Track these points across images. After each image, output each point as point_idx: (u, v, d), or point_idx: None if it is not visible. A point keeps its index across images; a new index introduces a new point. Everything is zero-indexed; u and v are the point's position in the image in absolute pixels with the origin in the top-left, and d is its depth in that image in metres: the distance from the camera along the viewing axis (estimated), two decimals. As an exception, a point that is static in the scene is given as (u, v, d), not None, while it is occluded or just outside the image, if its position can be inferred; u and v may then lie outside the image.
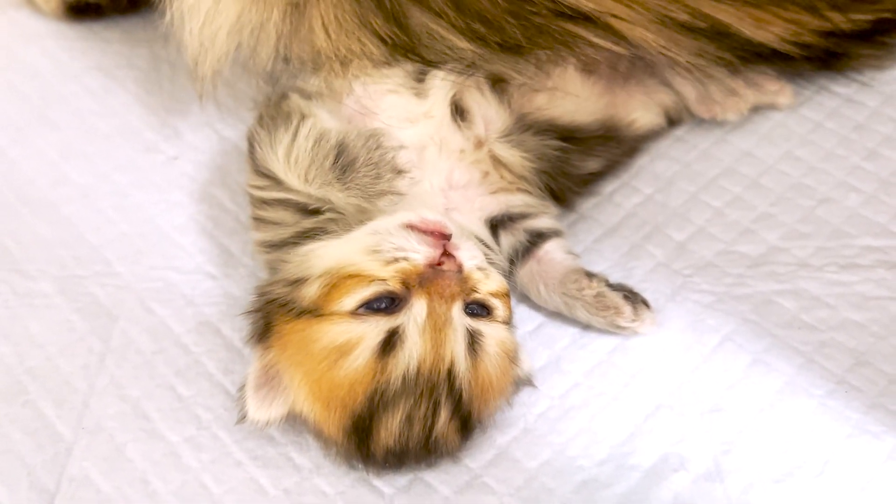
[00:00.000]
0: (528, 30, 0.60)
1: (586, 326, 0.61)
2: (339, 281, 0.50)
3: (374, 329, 0.48)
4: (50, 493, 0.54)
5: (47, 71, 0.83)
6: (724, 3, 0.64)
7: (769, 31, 0.67)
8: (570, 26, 0.61)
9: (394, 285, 0.49)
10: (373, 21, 0.60)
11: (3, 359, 0.61)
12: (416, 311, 0.49)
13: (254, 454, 0.56)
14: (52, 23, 0.87)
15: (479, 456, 0.55)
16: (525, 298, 0.63)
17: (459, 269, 0.50)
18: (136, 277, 0.66)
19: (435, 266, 0.50)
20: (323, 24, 0.61)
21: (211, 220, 0.70)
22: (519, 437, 0.56)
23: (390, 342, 0.48)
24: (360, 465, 0.53)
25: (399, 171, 0.57)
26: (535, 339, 0.61)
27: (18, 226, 0.70)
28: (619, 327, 0.58)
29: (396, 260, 0.50)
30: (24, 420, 0.58)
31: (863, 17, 0.71)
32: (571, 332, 0.61)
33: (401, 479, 0.54)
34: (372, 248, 0.51)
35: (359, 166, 0.56)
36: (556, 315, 0.62)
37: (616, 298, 0.58)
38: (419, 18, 0.60)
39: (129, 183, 0.73)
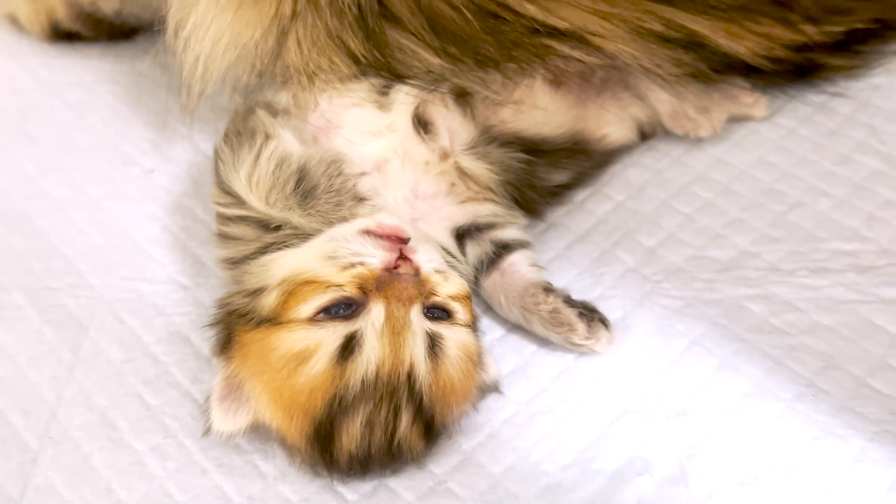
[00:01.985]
0: (504, 45, 0.61)
1: (551, 334, 0.61)
2: (296, 288, 0.50)
3: (331, 335, 0.48)
4: (14, 501, 0.54)
5: (27, 86, 0.84)
6: (698, 15, 0.65)
7: (742, 44, 0.68)
8: (546, 41, 0.62)
9: (350, 291, 0.49)
10: (349, 40, 0.61)
11: (-27, 369, 0.62)
12: (374, 316, 0.49)
13: (219, 462, 0.56)
14: (35, 40, 0.88)
15: (444, 461, 0.55)
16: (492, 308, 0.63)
17: (416, 272, 0.50)
18: (108, 289, 0.66)
19: (391, 270, 0.50)
20: (297, 40, 0.61)
21: (184, 231, 0.70)
22: (484, 443, 0.56)
23: (348, 347, 0.48)
24: (324, 472, 0.52)
25: (360, 199, 0.58)
26: (503, 345, 0.61)
27: (-8, 238, 0.70)
28: (573, 344, 0.58)
29: (353, 265, 0.50)
30: (-9, 430, 0.58)
31: (836, 28, 0.71)
32: (539, 338, 0.61)
33: (365, 486, 0.54)
34: (328, 255, 0.51)
35: (319, 193, 0.56)
36: (518, 325, 0.62)
37: (571, 316, 0.57)
38: (393, 36, 0.61)
39: (105, 195, 0.73)
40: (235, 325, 0.52)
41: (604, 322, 0.59)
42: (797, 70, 0.73)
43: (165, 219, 0.71)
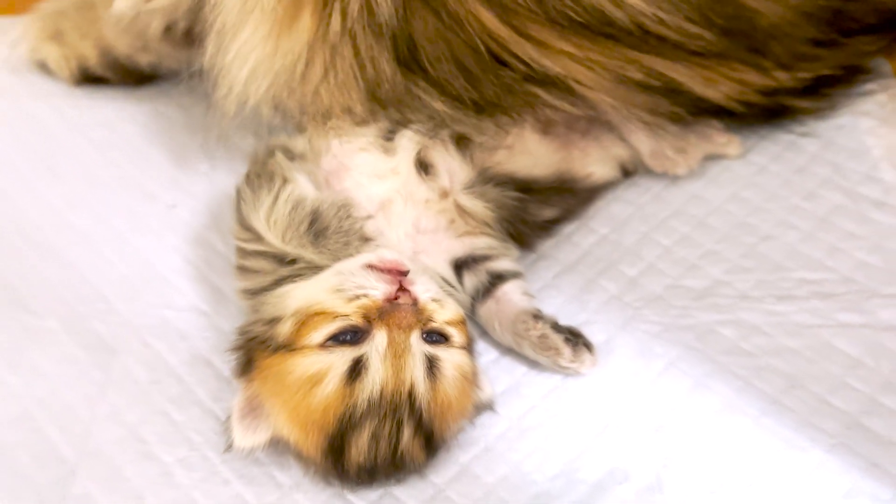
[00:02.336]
0: (501, 89, 0.67)
1: (541, 357, 0.67)
2: (308, 318, 0.56)
3: (340, 359, 0.54)
4: (55, 510, 0.60)
5: (55, 126, 0.90)
6: (677, 63, 0.71)
7: (717, 89, 0.74)
8: (536, 89, 0.68)
9: (356, 320, 0.56)
10: (383, 63, 0.65)
11: (13, 389, 0.67)
12: (378, 342, 0.55)
13: (240, 473, 0.62)
14: (64, 83, 0.94)
15: (443, 472, 0.61)
16: (487, 333, 0.69)
17: (415, 301, 0.57)
18: (134, 314, 0.72)
19: (392, 300, 0.56)
20: (324, 73, 0.67)
21: (204, 262, 0.76)
22: (479, 455, 0.62)
23: (356, 370, 0.54)
24: (336, 482, 0.58)
25: (366, 239, 0.64)
26: (497, 366, 0.67)
27: (26, 268, 0.76)
28: (560, 367, 0.64)
29: (358, 297, 0.56)
30: (31, 444, 0.64)
31: (806, 74, 0.78)
32: (529, 360, 0.67)
33: (372, 494, 0.60)
34: (336, 288, 0.57)
35: (330, 233, 0.63)
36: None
37: (557, 340, 0.63)
38: (404, 81, 0.67)
39: (129, 228, 0.79)
40: (255, 350, 0.58)
41: (587, 346, 0.65)
42: (768, 112, 0.79)
43: (186, 250, 0.77)
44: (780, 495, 0.58)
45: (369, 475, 0.56)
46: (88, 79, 0.92)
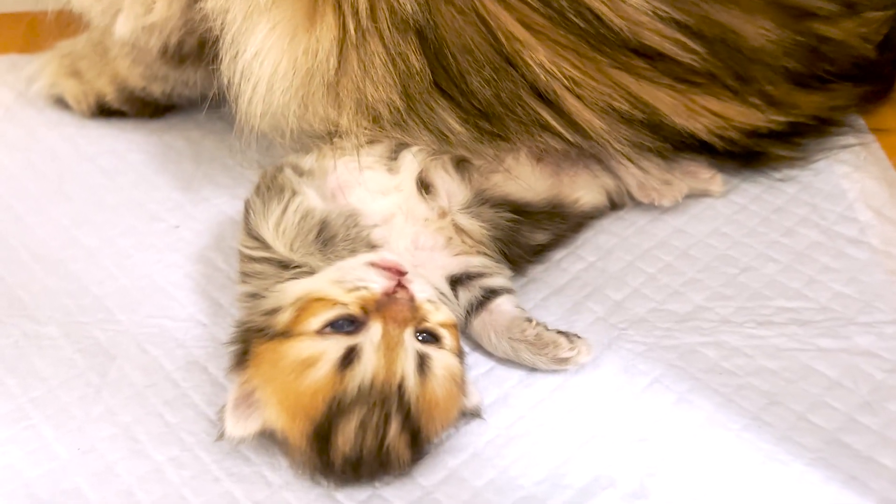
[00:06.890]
0: (509, 97, 0.70)
1: (532, 369, 0.69)
2: (308, 304, 0.58)
3: (335, 345, 0.56)
4: (44, 502, 0.60)
5: (66, 153, 0.94)
6: (662, 89, 0.74)
7: (698, 121, 0.77)
8: (535, 104, 0.71)
9: (354, 310, 0.58)
10: (412, 56, 0.67)
11: (9, 390, 0.69)
12: (373, 333, 0.57)
13: (230, 471, 0.62)
14: (76, 115, 0.98)
15: (431, 475, 0.62)
16: (479, 346, 0.71)
17: (411, 299, 0.59)
18: (133, 324, 0.74)
19: (390, 294, 0.58)
20: (363, 69, 0.68)
21: (204, 278, 0.78)
22: (468, 461, 0.63)
23: (349, 357, 0.56)
24: (321, 475, 0.59)
25: (373, 246, 0.67)
26: (487, 379, 0.69)
27: (31, 279, 0.78)
28: (560, 360, 0.66)
29: (357, 288, 0.59)
30: (24, 441, 0.65)
31: (782, 118, 0.82)
32: (519, 373, 0.69)
33: (360, 494, 0.61)
34: (338, 280, 0.60)
35: (338, 241, 0.66)
36: (506, 359, 0.69)
37: (553, 335, 0.66)
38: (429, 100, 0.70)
39: (132, 245, 0.82)
40: (252, 340, 0.60)
41: (579, 337, 0.67)
42: (746, 154, 0.83)
43: (188, 267, 0.79)
44: (762, 504, 0.60)
45: (353, 469, 0.57)
46: (104, 112, 0.96)
